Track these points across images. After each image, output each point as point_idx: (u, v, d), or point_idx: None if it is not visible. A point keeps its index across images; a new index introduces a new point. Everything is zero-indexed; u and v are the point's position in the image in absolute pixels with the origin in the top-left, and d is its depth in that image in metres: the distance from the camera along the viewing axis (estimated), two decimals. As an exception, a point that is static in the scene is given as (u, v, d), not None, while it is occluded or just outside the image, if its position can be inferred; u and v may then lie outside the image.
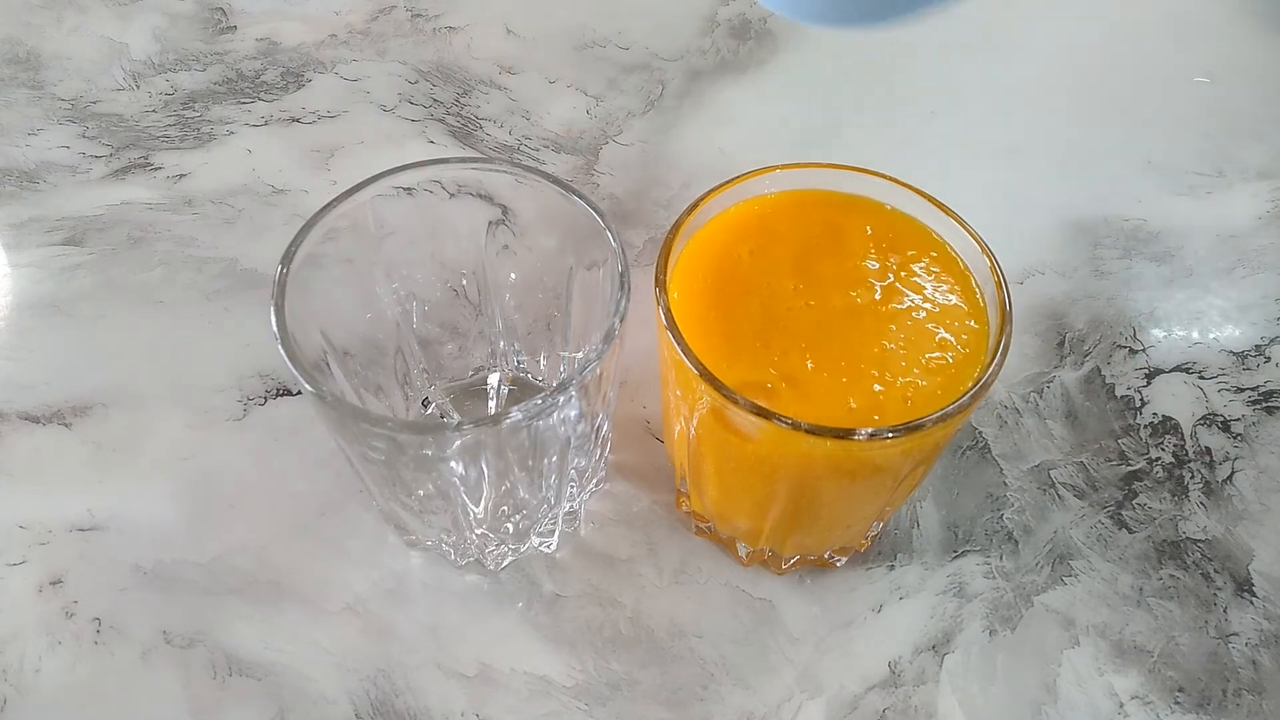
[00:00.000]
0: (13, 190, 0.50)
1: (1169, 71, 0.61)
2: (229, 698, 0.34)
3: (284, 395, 0.42)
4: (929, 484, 0.40)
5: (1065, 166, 0.55)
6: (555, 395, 0.28)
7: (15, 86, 0.56)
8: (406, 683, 0.35)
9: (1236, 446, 0.42)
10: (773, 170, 0.34)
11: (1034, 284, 0.48)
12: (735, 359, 0.30)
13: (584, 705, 0.34)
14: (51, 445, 0.40)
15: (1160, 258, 0.50)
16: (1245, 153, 0.55)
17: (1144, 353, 0.45)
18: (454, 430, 0.27)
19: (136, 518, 0.38)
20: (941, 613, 0.37)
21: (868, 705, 0.34)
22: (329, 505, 0.39)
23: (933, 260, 0.33)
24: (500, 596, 0.37)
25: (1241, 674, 0.36)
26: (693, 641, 0.36)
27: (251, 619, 0.36)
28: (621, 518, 0.39)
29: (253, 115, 0.55)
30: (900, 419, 0.28)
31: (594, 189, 0.52)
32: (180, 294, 0.46)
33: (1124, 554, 0.39)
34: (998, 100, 0.58)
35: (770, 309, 0.32)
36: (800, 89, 0.59)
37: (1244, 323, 0.47)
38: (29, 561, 0.37)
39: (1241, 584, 0.38)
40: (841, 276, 0.33)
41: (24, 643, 0.35)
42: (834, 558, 0.37)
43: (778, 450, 0.30)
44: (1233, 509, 0.40)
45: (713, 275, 0.33)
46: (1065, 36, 0.63)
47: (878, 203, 0.35)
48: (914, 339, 0.31)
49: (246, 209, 0.50)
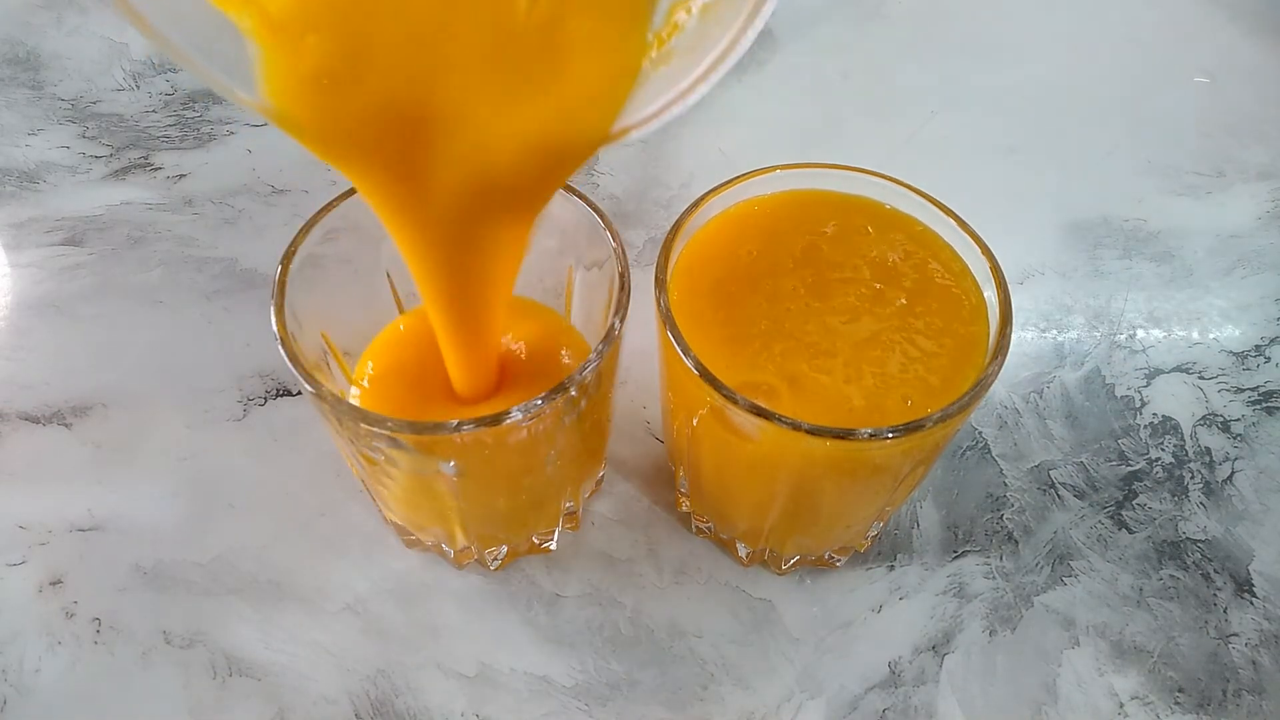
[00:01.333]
0: (13, 190, 0.50)
1: (1169, 71, 0.61)
2: (229, 698, 0.34)
3: (284, 395, 0.42)
4: (929, 484, 0.40)
5: (1065, 166, 0.55)
6: (554, 395, 0.28)
7: (15, 86, 0.56)
8: (406, 683, 0.35)
9: (1236, 447, 0.42)
10: (773, 170, 0.34)
11: (1034, 284, 0.48)
12: (735, 359, 0.30)
13: (584, 705, 0.34)
14: (51, 445, 0.40)
15: (1160, 258, 0.50)
16: (1245, 153, 0.55)
17: (1144, 353, 0.45)
18: (454, 430, 0.27)
19: (136, 518, 0.38)
20: (941, 613, 0.37)
21: (868, 705, 0.34)
22: (329, 505, 0.39)
23: (933, 260, 0.33)
24: (500, 596, 0.37)
25: (1242, 674, 0.36)
26: (693, 641, 0.36)
27: (251, 619, 0.36)
28: (621, 518, 0.39)
29: (252, 115, 0.55)
30: (900, 419, 0.28)
31: (594, 189, 0.51)
32: (180, 294, 0.46)
33: (1124, 554, 0.39)
34: (998, 100, 0.58)
35: (771, 309, 0.32)
36: (800, 89, 0.59)
37: (1244, 323, 0.47)
38: (29, 561, 0.37)
39: (1241, 584, 0.38)
40: (842, 277, 0.33)
41: (24, 643, 0.35)
42: (834, 558, 0.37)
43: (778, 450, 0.30)
44: (1233, 509, 0.40)
45: (713, 275, 0.33)
46: (1065, 36, 0.63)
47: (878, 203, 0.35)
48: (914, 339, 0.31)
49: (246, 209, 0.50)
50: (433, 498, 0.33)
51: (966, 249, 0.33)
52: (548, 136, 0.25)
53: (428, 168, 0.25)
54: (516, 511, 0.35)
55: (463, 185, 0.26)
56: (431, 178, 0.25)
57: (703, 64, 0.25)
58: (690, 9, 0.25)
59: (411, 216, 0.27)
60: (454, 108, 0.24)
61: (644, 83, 0.26)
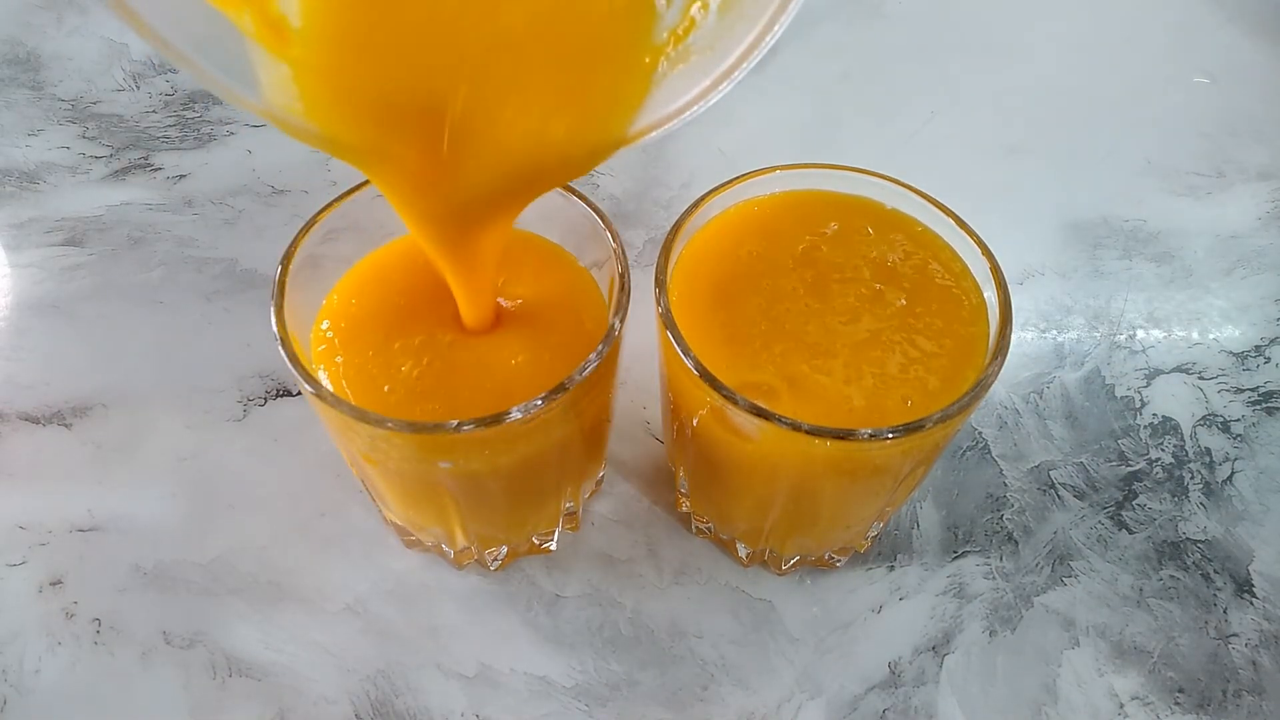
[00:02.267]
0: (13, 191, 0.50)
1: (1168, 72, 0.61)
2: (229, 698, 0.34)
3: (284, 396, 0.42)
4: (929, 484, 0.40)
5: (1065, 167, 0.55)
6: (555, 395, 0.28)
7: (15, 87, 0.56)
8: (406, 683, 0.35)
9: (1236, 447, 0.42)
10: (773, 170, 0.34)
11: (1034, 284, 0.48)
12: (735, 359, 0.30)
13: (584, 706, 0.34)
14: (51, 446, 0.40)
15: (1160, 258, 0.50)
16: (1245, 153, 0.55)
17: (1144, 353, 0.45)
18: (454, 430, 0.27)
19: (136, 518, 0.38)
20: (941, 613, 0.37)
21: (868, 706, 0.34)
22: (329, 506, 0.39)
23: (933, 261, 0.33)
24: (500, 597, 0.37)
25: (1242, 675, 0.36)
26: (693, 642, 0.36)
27: (251, 619, 0.36)
28: (621, 518, 0.39)
29: (252, 116, 0.54)
30: (900, 419, 0.28)
31: (594, 189, 0.51)
32: (180, 294, 0.46)
33: (1124, 554, 0.39)
34: (997, 101, 0.58)
35: (771, 309, 0.32)
36: (800, 89, 0.59)
37: (1244, 323, 0.47)
38: (29, 562, 0.37)
39: (1241, 585, 0.38)
40: (842, 277, 0.33)
41: (24, 643, 0.35)
42: (834, 558, 0.37)
43: (777, 451, 0.30)
44: (1232, 510, 0.40)
45: (713, 276, 0.33)
46: (1065, 37, 0.63)
47: (878, 203, 0.35)
48: (914, 339, 0.31)
49: (246, 210, 0.50)
50: (433, 497, 0.33)
51: (966, 249, 0.33)
52: (565, 140, 0.25)
53: (440, 168, 0.25)
54: (516, 511, 0.35)
55: (478, 185, 0.26)
56: (445, 177, 0.25)
57: (725, 61, 0.25)
58: (707, 4, 0.25)
59: (422, 208, 0.27)
60: (469, 110, 0.24)
61: (661, 82, 0.25)
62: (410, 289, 0.33)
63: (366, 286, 0.34)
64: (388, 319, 0.33)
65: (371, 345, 0.32)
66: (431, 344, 0.32)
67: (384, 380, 0.31)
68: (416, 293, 0.33)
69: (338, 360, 0.31)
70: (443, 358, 0.31)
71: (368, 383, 0.31)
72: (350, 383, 0.31)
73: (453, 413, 0.28)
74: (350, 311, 0.33)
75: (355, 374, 0.31)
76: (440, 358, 0.31)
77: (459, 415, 0.27)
